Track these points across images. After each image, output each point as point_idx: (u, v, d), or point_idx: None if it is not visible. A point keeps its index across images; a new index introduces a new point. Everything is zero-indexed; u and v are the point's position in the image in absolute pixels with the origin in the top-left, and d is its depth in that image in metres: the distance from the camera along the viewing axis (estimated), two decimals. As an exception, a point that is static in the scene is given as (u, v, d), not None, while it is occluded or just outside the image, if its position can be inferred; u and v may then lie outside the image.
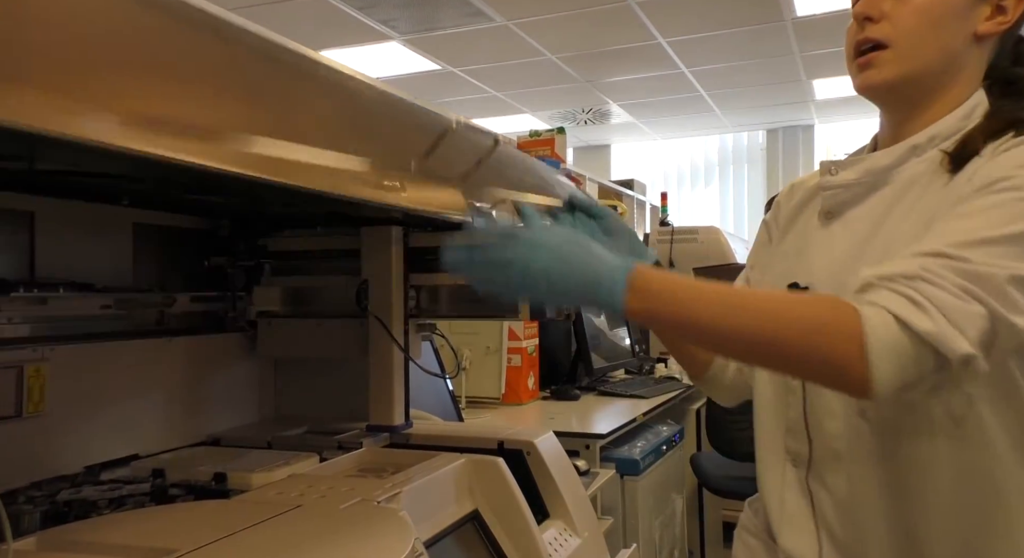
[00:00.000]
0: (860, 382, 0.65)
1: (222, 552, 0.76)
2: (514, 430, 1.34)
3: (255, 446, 1.28)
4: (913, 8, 0.79)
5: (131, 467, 1.17)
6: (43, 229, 1.13)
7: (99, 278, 1.21)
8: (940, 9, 0.79)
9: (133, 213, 1.30)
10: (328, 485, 1.02)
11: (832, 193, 0.86)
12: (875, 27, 0.81)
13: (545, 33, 4.27)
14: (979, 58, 0.82)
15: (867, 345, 0.64)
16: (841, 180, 0.85)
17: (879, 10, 0.80)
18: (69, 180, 0.99)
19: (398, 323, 1.38)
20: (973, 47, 0.81)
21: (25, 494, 1.00)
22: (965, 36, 0.80)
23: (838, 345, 0.65)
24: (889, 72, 0.81)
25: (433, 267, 1.46)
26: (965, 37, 0.80)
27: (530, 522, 1.14)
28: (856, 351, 0.64)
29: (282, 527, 0.84)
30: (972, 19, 0.80)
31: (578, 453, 2.00)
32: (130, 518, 0.91)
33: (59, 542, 0.80)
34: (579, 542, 1.26)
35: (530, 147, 3.16)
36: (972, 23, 0.80)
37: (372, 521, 0.88)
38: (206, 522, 0.84)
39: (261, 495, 0.99)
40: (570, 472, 1.36)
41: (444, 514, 1.06)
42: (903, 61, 0.80)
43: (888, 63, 0.81)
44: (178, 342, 1.32)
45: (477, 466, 1.16)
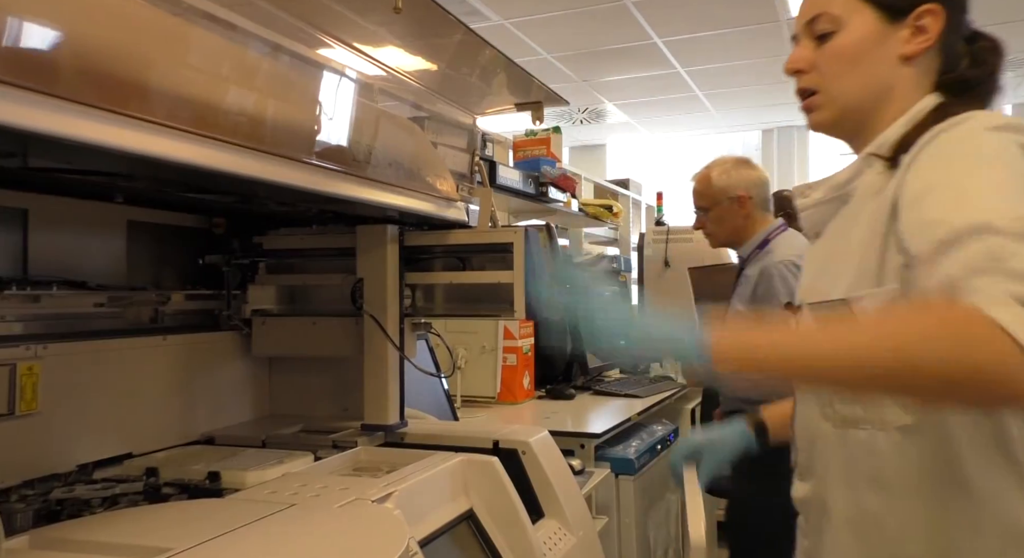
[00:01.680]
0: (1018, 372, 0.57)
1: (216, 551, 0.75)
2: (509, 429, 1.33)
3: (249, 445, 1.28)
4: (830, 54, 0.85)
5: (124, 466, 1.16)
6: (36, 226, 1.13)
7: (93, 276, 1.21)
8: (854, 48, 0.84)
9: (127, 211, 1.29)
10: (322, 484, 1.02)
11: (807, 214, 0.91)
12: (805, 77, 0.88)
13: (541, 32, 4.26)
14: (916, 72, 0.84)
15: (1010, 331, 0.57)
16: (811, 200, 0.90)
17: (805, 61, 0.87)
18: (62, 177, 0.99)
19: (393, 322, 1.38)
20: (903, 67, 0.84)
21: (18, 492, 1.00)
22: (890, 61, 0.84)
23: (982, 350, 0.58)
24: (826, 113, 0.87)
25: (428, 266, 1.46)
26: (890, 62, 0.84)
27: (525, 521, 1.14)
28: (1007, 350, 0.56)
29: (276, 526, 0.84)
30: (892, 45, 0.83)
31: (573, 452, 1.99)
32: (123, 517, 0.91)
33: (51, 541, 0.80)
34: (574, 541, 1.26)
35: (526, 146, 3.16)
36: (894, 48, 0.83)
37: (367, 520, 0.88)
38: (199, 521, 0.84)
39: (255, 494, 0.99)
40: (565, 471, 1.36)
41: (439, 513, 1.06)
42: (834, 102, 0.86)
43: (822, 106, 0.87)
44: (172, 340, 1.31)
45: (472, 465, 1.16)
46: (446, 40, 1.25)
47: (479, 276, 1.41)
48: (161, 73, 0.81)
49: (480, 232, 1.49)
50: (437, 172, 1.39)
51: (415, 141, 1.35)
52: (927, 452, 0.77)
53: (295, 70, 1.07)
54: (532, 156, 3.10)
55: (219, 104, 0.89)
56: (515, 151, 3.17)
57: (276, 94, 0.99)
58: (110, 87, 0.74)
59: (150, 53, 0.79)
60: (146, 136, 0.78)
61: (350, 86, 1.15)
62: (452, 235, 1.43)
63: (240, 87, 0.93)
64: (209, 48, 0.89)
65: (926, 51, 0.83)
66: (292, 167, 1.00)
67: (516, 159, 3.14)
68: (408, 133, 1.34)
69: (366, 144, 1.16)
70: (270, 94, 0.98)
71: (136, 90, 0.77)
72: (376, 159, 1.18)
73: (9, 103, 0.64)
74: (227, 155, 0.89)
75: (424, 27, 1.18)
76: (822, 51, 0.86)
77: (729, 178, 1.99)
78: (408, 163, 1.28)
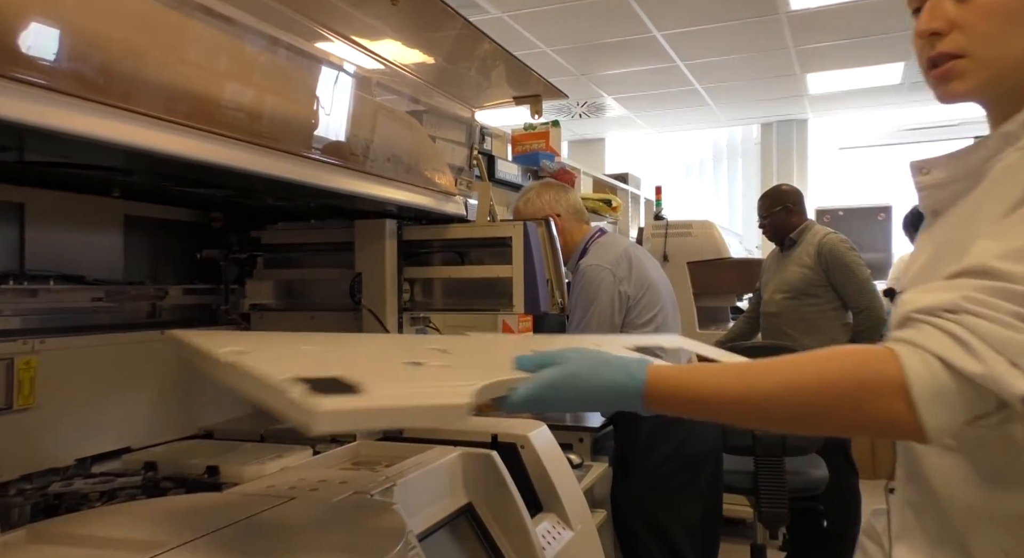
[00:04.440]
0: (914, 432, 0.61)
1: (214, 545, 0.75)
2: (508, 423, 1.34)
3: (248, 439, 1.28)
4: (982, 10, 0.72)
5: (123, 460, 1.16)
6: (33, 221, 1.12)
7: (90, 270, 1.20)
8: (1014, 3, 0.71)
9: (124, 205, 1.29)
10: (321, 478, 1.02)
11: (927, 193, 0.79)
12: (946, 41, 0.74)
13: (540, 25, 4.25)
14: None
15: (912, 395, 0.60)
16: (933, 179, 0.78)
17: (944, 21, 0.73)
18: (59, 171, 0.98)
19: (392, 316, 1.38)
20: None
21: (16, 487, 1.00)
22: None
23: (884, 399, 0.61)
24: (972, 81, 0.74)
25: (427, 260, 1.46)
26: None
27: (523, 515, 1.14)
28: (903, 402, 0.60)
29: (275, 520, 0.84)
30: None
31: (571, 446, 2.00)
32: (121, 511, 0.91)
33: (49, 535, 0.80)
34: (572, 535, 1.26)
35: (525, 140, 3.15)
36: None
37: (365, 514, 0.88)
38: (198, 515, 0.84)
39: (254, 488, 0.99)
40: (563, 465, 1.36)
41: (437, 507, 1.06)
42: (984, 68, 0.73)
43: (968, 72, 0.73)
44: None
45: (471, 459, 1.16)
46: (444, 33, 1.24)
47: (478, 271, 1.41)
48: (158, 67, 0.80)
49: (479, 226, 1.48)
50: (435, 166, 1.39)
51: (413, 135, 1.34)
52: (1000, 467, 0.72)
53: (292, 64, 1.07)
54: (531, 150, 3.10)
55: (216, 98, 0.88)
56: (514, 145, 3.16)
57: (273, 88, 0.99)
58: (107, 81, 0.73)
59: (147, 47, 0.79)
60: (143, 130, 0.77)
61: (348, 80, 1.15)
62: (451, 229, 1.43)
63: (237, 81, 0.92)
64: (206, 42, 0.89)
65: None
66: (290, 161, 1.00)
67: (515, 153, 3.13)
68: (406, 127, 1.33)
69: (364, 138, 1.16)
70: (267, 88, 0.97)
71: (133, 84, 0.76)
72: (374, 153, 1.17)
73: (5, 97, 0.63)
74: (224, 149, 0.88)
75: (422, 20, 1.18)
76: (969, 6, 0.72)
77: (534, 205, 2.15)
78: (406, 157, 1.28)
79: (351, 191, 1.13)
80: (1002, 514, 0.72)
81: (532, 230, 1.37)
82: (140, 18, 0.80)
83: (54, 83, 0.68)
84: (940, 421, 0.61)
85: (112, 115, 0.74)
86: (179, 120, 0.82)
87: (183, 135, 0.82)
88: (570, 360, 0.73)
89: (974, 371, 0.59)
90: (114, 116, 0.74)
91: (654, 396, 0.71)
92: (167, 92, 0.81)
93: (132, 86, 0.76)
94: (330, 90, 1.10)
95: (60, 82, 0.68)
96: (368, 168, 1.17)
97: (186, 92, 0.83)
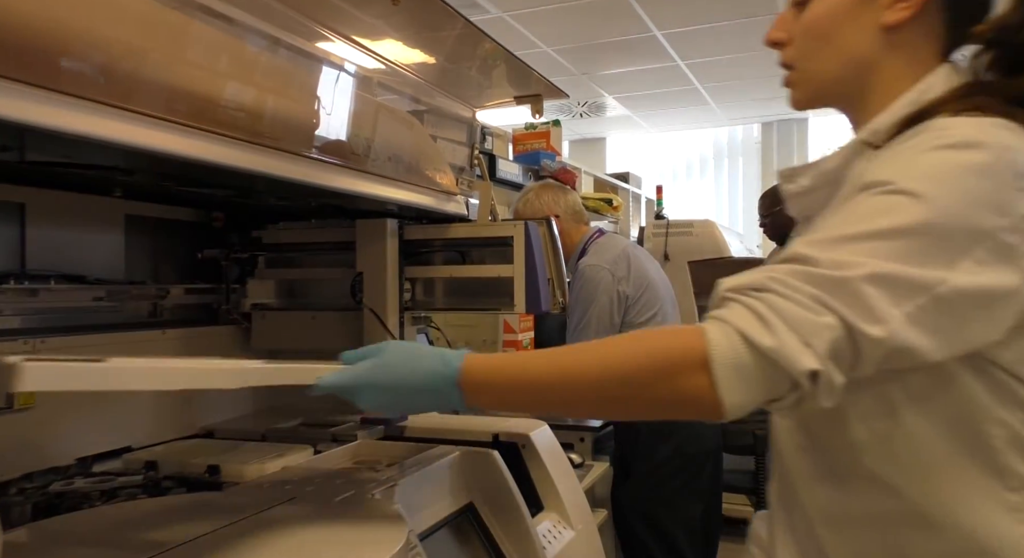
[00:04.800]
0: (713, 406, 0.62)
1: (214, 545, 0.75)
2: (509, 423, 1.33)
3: (249, 438, 1.28)
4: (803, 27, 0.77)
5: (123, 459, 1.16)
6: (34, 221, 1.12)
7: (91, 270, 1.20)
8: (827, 19, 0.76)
9: (125, 205, 1.29)
10: (322, 477, 1.02)
11: (794, 201, 0.82)
12: (784, 51, 0.80)
13: (540, 25, 4.25)
14: (908, 44, 0.74)
15: (713, 368, 0.61)
16: (799, 187, 0.81)
17: (786, 31, 0.79)
18: (60, 171, 0.98)
19: (393, 316, 1.38)
20: (889, 37, 0.74)
21: (17, 485, 1.00)
22: (871, 32, 0.74)
23: (688, 373, 0.62)
24: (800, 92, 0.80)
25: (428, 260, 1.46)
26: (872, 33, 0.74)
27: (524, 514, 1.14)
28: (706, 376, 0.61)
29: (276, 519, 0.84)
30: (870, 14, 0.74)
31: (572, 446, 2.00)
32: (122, 510, 0.91)
33: (50, 534, 0.80)
34: (573, 534, 1.26)
35: (526, 140, 3.15)
36: (873, 18, 0.74)
37: (366, 514, 0.88)
38: (199, 515, 0.84)
39: (254, 487, 0.99)
40: (564, 465, 1.36)
41: (439, 506, 1.06)
42: (806, 81, 0.79)
43: (796, 84, 0.80)
44: (171, 334, 1.31)
45: (472, 459, 1.16)
46: (445, 33, 1.24)
47: (479, 270, 1.41)
48: (158, 66, 0.80)
49: (480, 226, 1.48)
50: (436, 166, 1.39)
51: (414, 135, 1.34)
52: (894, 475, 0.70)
53: (293, 63, 1.07)
54: (532, 150, 3.10)
55: (217, 98, 0.88)
56: (515, 145, 3.17)
57: (274, 88, 0.99)
58: (107, 81, 0.73)
59: (148, 46, 0.79)
60: (143, 130, 0.77)
61: (349, 79, 1.15)
62: (452, 229, 1.43)
63: (238, 81, 0.92)
64: (207, 41, 0.89)
65: (911, 19, 0.73)
66: (291, 161, 1.00)
67: (516, 153, 3.13)
68: (407, 127, 1.33)
69: (365, 138, 1.15)
70: (268, 88, 0.97)
71: (134, 83, 0.76)
72: (375, 153, 1.17)
73: (6, 97, 0.63)
74: (225, 149, 0.88)
75: (422, 20, 1.18)
76: (799, 21, 0.78)
77: (534, 206, 2.16)
78: (407, 157, 1.28)
79: (352, 190, 1.13)
80: (851, 516, 0.72)
81: (533, 229, 1.37)
82: (141, 18, 0.80)
83: (55, 83, 0.68)
84: (737, 397, 0.61)
85: (113, 115, 0.74)
86: (180, 120, 0.82)
87: (184, 135, 0.82)
88: (387, 351, 0.75)
89: (767, 345, 0.60)
90: (115, 116, 0.74)
91: (470, 384, 0.71)
92: (168, 92, 0.81)
93: (133, 86, 0.76)
94: (331, 90, 1.10)
95: (61, 82, 0.68)
96: (369, 167, 1.17)
97: (187, 92, 0.83)
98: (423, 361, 0.73)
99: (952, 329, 0.62)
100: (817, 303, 0.60)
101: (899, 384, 0.67)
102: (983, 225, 0.61)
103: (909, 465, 0.69)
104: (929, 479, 0.68)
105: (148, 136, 0.78)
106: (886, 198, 0.63)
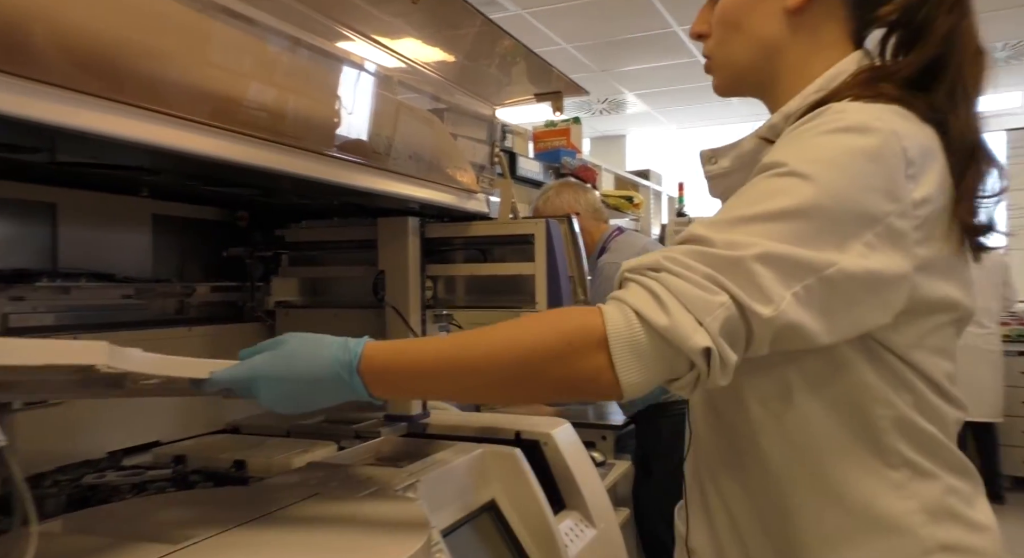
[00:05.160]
0: (611, 386, 0.63)
1: (240, 539, 0.77)
2: (531, 421, 1.34)
3: (274, 434, 1.29)
4: (716, 17, 0.81)
5: (153, 453, 1.18)
6: (65, 220, 1.15)
7: (119, 268, 1.23)
8: (734, 10, 0.79)
9: (152, 204, 1.31)
10: (346, 473, 1.03)
11: (714, 182, 0.83)
12: (706, 43, 0.83)
13: (559, 22, 4.24)
14: (813, 26, 0.76)
15: (609, 347, 0.62)
16: (719, 168, 0.82)
17: (707, 25, 0.82)
18: (89, 172, 1.00)
19: (415, 313, 1.39)
20: (793, 20, 0.76)
21: (51, 478, 1.02)
22: (777, 17, 0.76)
23: (586, 353, 0.63)
24: (718, 79, 0.83)
25: (449, 258, 1.46)
26: (777, 18, 0.76)
27: (547, 512, 1.14)
28: (604, 355, 0.62)
29: (300, 514, 0.85)
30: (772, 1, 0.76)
31: (594, 444, 2.00)
32: (151, 503, 0.93)
33: (82, 525, 0.82)
34: (595, 533, 1.26)
35: (546, 137, 3.14)
36: (777, 3, 0.76)
37: (389, 510, 0.88)
38: (225, 508, 0.85)
39: (280, 482, 1.00)
40: (586, 463, 1.36)
41: (461, 504, 1.07)
42: (722, 68, 0.82)
43: (715, 72, 0.83)
44: (197, 331, 1.33)
45: (494, 456, 1.16)
46: (464, 31, 1.24)
47: (500, 268, 1.41)
48: (183, 68, 0.81)
49: (501, 224, 1.48)
50: (457, 164, 1.39)
51: (435, 133, 1.35)
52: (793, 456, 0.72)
53: (314, 63, 1.08)
54: (552, 147, 3.09)
55: (240, 98, 0.89)
56: (535, 142, 3.16)
57: (296, 87, 1.00)
58: (134, 82, 0.75)
59: (172, 48, 0.80)
60: (169, 130, 0.79)
61: (369, 78, 1.15)
62: (473, 227, 1.43)
63: (261, 81, 0.93)
64: (230, 43, 0.90)
65: (813, 1, 0.74)
66: (313, 160, 1.01)
67: (536, 150, 3.13)
68: (428, 125, 1.34)
69: (386, 136, 1.16)
70: (290, 87, 0.98)
71: (159, 85, 0.78)
72: (396, 151, 1.18)
73: (37, 99, 0.65)
74: (248, 148, 0.89)
75: (442, 18, 1.18)
76: (714, 13, 0.81)
77: (553, 204, 2.16)
78: (428, 155, 1.28)
79: (373, 189, 1.14)
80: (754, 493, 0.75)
81: (554, 227, 1.37)
82: (165, 20, 0.81)
83: (84, 85, 0.69)
84: (635, 376, 0.62)
85: (139, 116, 0.75)
86: (204, 120, 0.83)
87: (208, 135, 0.84)
88: (286, 343, 0.74)
89: (661, 324, 0.61)
90: (141, 117, 0.76)
91: (370, 369, 0.69)
92: (192, 93, 0.82)
93: (158, 87, 0.78)
94: (352, 89, 1.11)
95: (89, 84, 0.69)
96: (390, 166, 1.17)
97: (211, 93, 0.84)
98: (323, 350, 0.71)
99: (841, 311, 0.63)
100: (710, 282, 0.61)
101: (796, 367, 0.69)
102: (873, 209, 0.62)
103: (801, 445, 0.71)
104: (820, 459, 0.70)
105: (173, 136, 0.79)
106: (779, 180, 0.64)
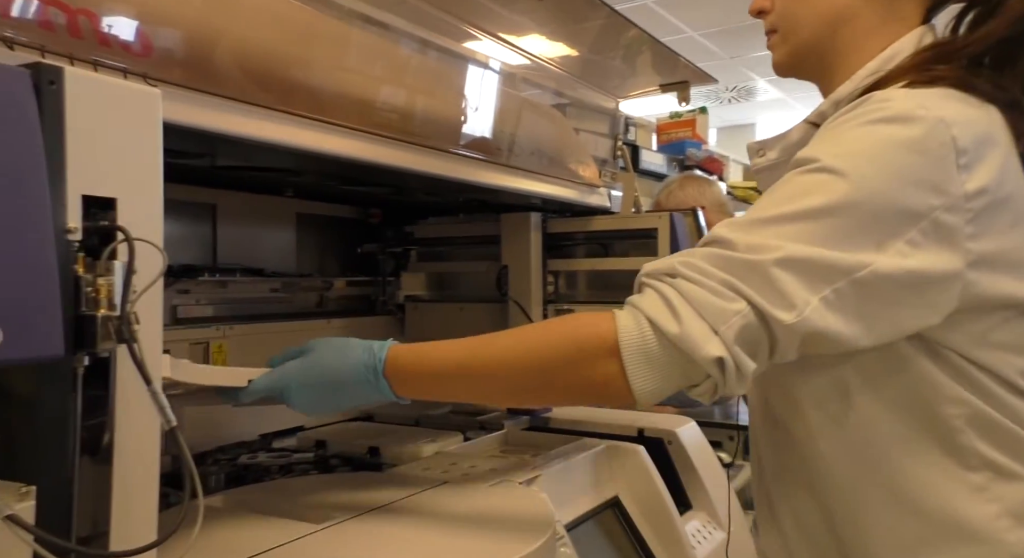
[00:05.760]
0: (623, 393, 0.62)
1: (375, 523, 0.81)
2: (654, 417, 1.31)
3: (404, 423, 1.35)
4: None
5: (297, 437, 1.28)
6: (223, 219, 1.26)
7: (268, 264, 1.33)
8: None
9: (296, 204, 1.41)
10: (471, 464, 1.05)
11: (763, 174, 0.79)
12: (767, 18, 0.80)
13: (685, 9, 4.10)
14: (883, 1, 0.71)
15: (621, 354, 0.61)
16: (767, 161, 0.78)
17: (768, 1, 0.79)
18: (243, 175, 1.09)
19: (537, 308, 1.40)
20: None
21: (212, 457, 1.13)
22: None
23: (598, 360, 0.62)
24: (781, 54, 0.79)
25: (571, 252, 1.46)
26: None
27: (672, 512, 1.11)
28: (616, 363, 0.61)
29: (429, 502, 0.88)
30: None
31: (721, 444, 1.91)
32: (297, 484, 1.00)
33: (240, 502, 0.90)
34: (724, 536, 1.21)
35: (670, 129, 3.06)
36: None
37: (515, 501, 0.90)
38: (362, 493, 0.90)
39: (411, 470, 1.04)
40: (713, 463, 1.31)
41: (584, 499, 1.06)
42: (787, 41, 0.78)
43: (778, 46, 0.79)
44: (336, 323, 1.42)
45: (617, 452, 1.15)
46: (588, 24, 1.23)
47: (622, 262, 1.39)
48: (325, 74, 0.87)
49: (623, 218, 1.46)
50: (579, 158, 1.39)
51: (557, 128, 1.35)
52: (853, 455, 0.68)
53: (442, 64, 1.11)
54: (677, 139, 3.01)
55: (374, 100, 0.94)
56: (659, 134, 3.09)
57: (425, 88, 1.03)
58: (282, 90, 0.80)
59: (316, 57, 0.86)
60: (311, 133, 0.84)
61: (494, 77, 1.17)
62: (595, 221, 1.42)
63: (393, 83, 0.98)
64: (366, 48, 0.94)
65: None
66: (439, 158, 1.04)
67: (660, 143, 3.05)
68: (550, 120, 1.34)
69: (509, 133, 1.18)
70: (419, 88, 1.02)
71: (304, 92, 0.83)
72: (519, 147, 1.19)
73: (202, 109, 0.72)
74: (381, 148, 0.94)
75: (566, 12, 1.18)
76: None
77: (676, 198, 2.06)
78: (550, 150, 1.29)
79: (497, 185, 1.16)
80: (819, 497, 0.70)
81: (679, 221, 1.33)
82: (308, 31, 0.86)
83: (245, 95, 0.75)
84: (647, 384, 0.61)
85: (286, 121, 0.81)
86: (341, 123, 0.88)
87: (345, 136, 0.89)
88: (315, 349, 0.75)
89: (672, 332, 0.59)
90: (288, 122, 0.82)
91: (396, 372, 0.71)
92: (332, 97, 0.87)
93: (303, 94, 0.83)
94: (477, 88, 1.13)
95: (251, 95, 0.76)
96: (514, 162, 1.19)
97: (348, 96, 0.90)
98: (351, 354, 0.73)
99: (879, 314, 0.59)
100: (728, 288, 0.59)
101: (852, 366, 0.65)
102: (915, 205, 0.58)
103: (864, 449, 0.67)
104: (887, 464, 0.66)
105: (315, 139, 0.85)
106: (810, 177, 0.61)
